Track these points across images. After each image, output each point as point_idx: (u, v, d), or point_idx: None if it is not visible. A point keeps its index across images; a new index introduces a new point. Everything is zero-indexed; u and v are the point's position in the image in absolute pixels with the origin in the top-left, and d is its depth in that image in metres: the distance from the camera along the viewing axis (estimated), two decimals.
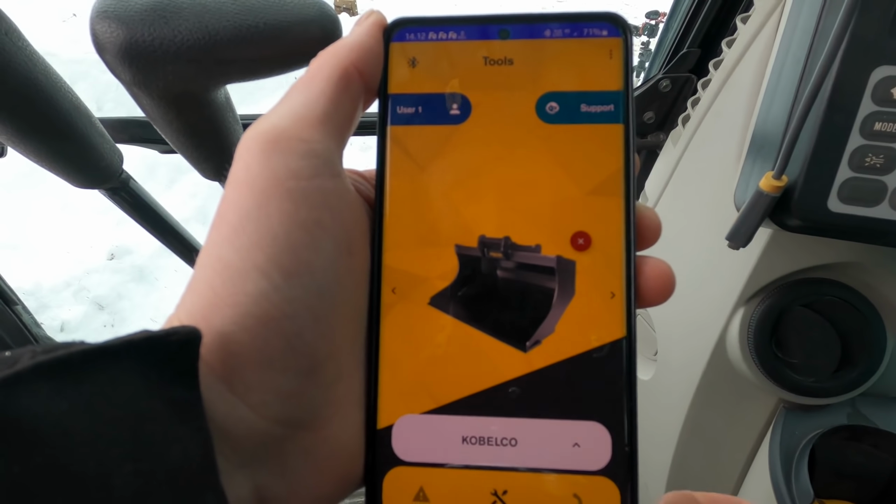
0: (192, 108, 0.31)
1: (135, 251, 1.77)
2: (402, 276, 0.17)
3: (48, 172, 0.36)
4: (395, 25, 0.18)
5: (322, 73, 0.16)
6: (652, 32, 3.22)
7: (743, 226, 0.31)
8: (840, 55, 0.27)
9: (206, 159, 0.36)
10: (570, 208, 0.17)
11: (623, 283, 0.16)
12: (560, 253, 0.16)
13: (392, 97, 0.17)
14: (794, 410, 0.39)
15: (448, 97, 0.17)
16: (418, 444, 0.16)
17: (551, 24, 0.17)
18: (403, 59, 0.17)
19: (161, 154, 0.55)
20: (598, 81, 0.17)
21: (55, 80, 0.32)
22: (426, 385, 0.16)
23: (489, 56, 0.17)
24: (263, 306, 0.14)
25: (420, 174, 0.17)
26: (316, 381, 0.15)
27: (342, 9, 4.20)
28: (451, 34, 0.17)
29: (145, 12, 0.26)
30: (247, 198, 0.15)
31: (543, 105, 0.17)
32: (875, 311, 0.36)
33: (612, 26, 0.17)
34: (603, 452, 0.16)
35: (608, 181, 0.16)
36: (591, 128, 0.17)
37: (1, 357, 0.11)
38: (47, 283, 1.63)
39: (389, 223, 0.17)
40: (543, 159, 0.17)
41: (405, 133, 0.17)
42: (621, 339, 0.16)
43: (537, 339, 0.16)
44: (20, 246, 1.73)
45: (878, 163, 0.28)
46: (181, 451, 0.12)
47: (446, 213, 0.17)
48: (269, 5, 0.28)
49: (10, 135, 0.31)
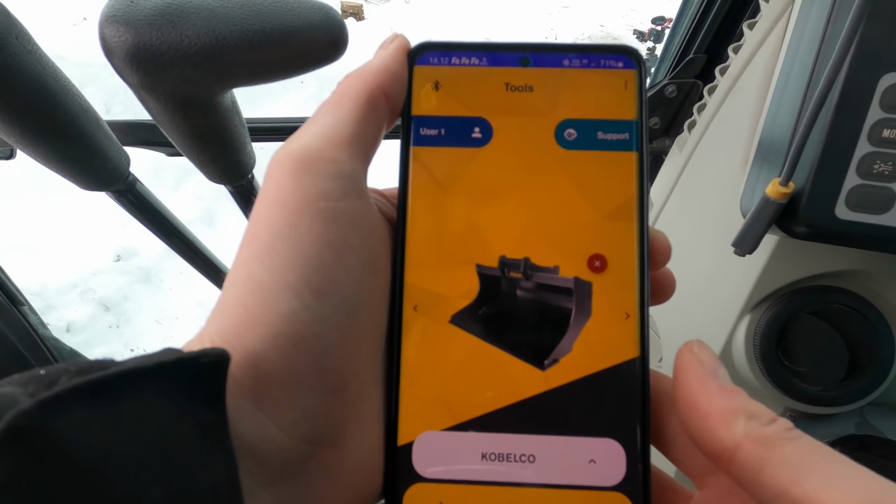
0: (198, 111, 0.31)
1: (141, 253, 1.78)
2: (424, 293, 0.17)
3: (56, 174, 0.36)
4: (420, 49, 0.18)
5: (349, 95, 0.17)
6: (658, 38, 3.22)
7: (749, 232, 0.31)
8: (848, 62, 0.27)
9: (212, 162, 0.37)
10: (587, 231, 0.17)
11: (637, 304, 0.17)
12: (577, 274, 0.17)
13: (415, 119, 0.18)
14: (800, 419, 0.39)
15: (470, 121, 0.18)
16: (438, 460, 0.16)
17: (570, 55, 0.18)
18: (427, 82, 0.18)
19: (167, 157, 0.56)
20: (614, 110, 0.18)
21: (64, 84, 0.32)
22: (446, 402, 0.17)
23: (510, 82, 0.18)
24: (294, 325, 0.15)
25: (442, 194, 0.18)
26: (341, 398, 0.15)
27: (349, 13, 4.22)
28: (474, 59, 0.18)
29: (153, 17, 0.26)
30: (278, 217, 0.15)
31: (562, 131, 0.18)
32: (883, 320, 0.35)
33: (628, 59, 0.18)
34: (618, 468, 0.16)
35: (623, 206, 0.17)
36: (606, 155, 0.17)
37: (36, 375, 0.12)
38: (54, 283, 1.64)
39: (411, 241, 0.17)
40: (561, 183, 0.17)
41: (428, 154, 0.18)
42: (635, 359, 0.16)
43: (555, 358, 0.17)
44: (27, 247, 1.75)
45: (887, 170, 0.28)
46: (208, 474, 0.12)
47: (467, 232, 0.17)
48: (275, 10, 0.28)
49: (19, 137, 0.31)
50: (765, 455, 0.13)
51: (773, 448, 0.13)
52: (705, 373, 0.15)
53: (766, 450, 0.13)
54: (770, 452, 0.13)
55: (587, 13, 4.94)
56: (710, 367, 0.15)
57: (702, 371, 0.15)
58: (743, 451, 0.13)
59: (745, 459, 0.13)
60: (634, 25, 4.10)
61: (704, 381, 0.15)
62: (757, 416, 0.14)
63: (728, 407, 0.14)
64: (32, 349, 0.65)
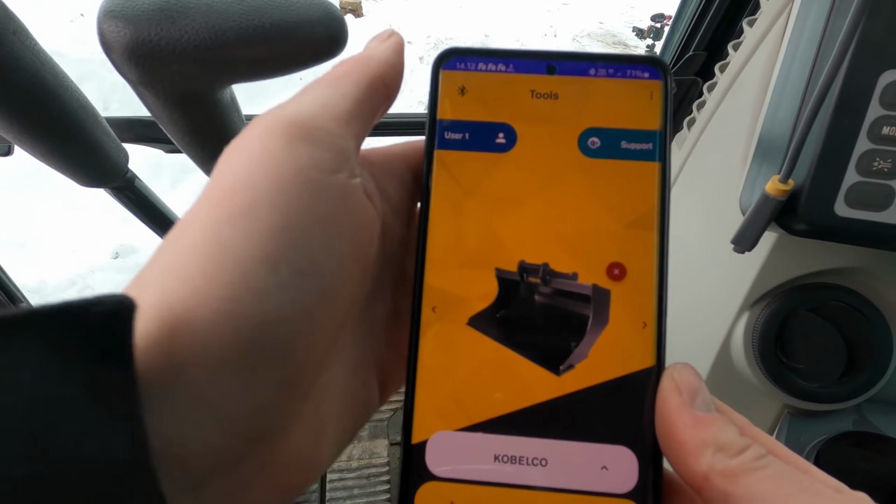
0: (197, 107, 0.31)
1: (140, 250, 1.77)
2: (443, 295, 0.17)
3: (54, 171, 0.36)
4: (448, 54, 0.18)
5: (350, 77, 0.16)
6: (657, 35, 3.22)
7: (748, 230, 0.31)
8: (848, 59, 0.27)
9: (211, 159, 0.37)
10: (607, 239, 0.17)
11: (655, 313, 0.17)
12: (596, 281, 0.17)
13: (441, 122, 0.18)
14: (798, 416, 0.39)
15: (495, 126, 0.18)
16: (451, 459, 0.16)
17: (596, 64, 0.18)
18: (453, 87, 0.18)
19: (166, 153, 0.56)
20: (639, 120, 0.18)
21: (62, 79, 0.32)
22: (461, 402, 0.17)
23: (536, 89, 0.18)
24: (265, 305, 0.13)
25: (464, 198, 0.18)
26: (294, 392, 0.14)
27: (347, 10, 4.21)
28: (500, 66, 0.18)
29: (152, 12, 0.26)
30: (262, 179, 0.13)
31: (585, 139, 0.18)
32: (881, 317, 0.35)
33: (654, 69, 0.18)
34: (630, 476, 0.16)
35: (644, 216, 0.17)
36: (629, 164, 0.17)
37: None
38: (52, 281, 1.64)
39: (432, 243, 0.18)
40: (583, 191, 0.17)
41: (452, 158, 0.18)
42: (651, 368, 0.16)
43: (571, 364, 0.17)
44: (26, 244, 1.74)
45: (886, 167, 0.28)
46: (100, 447, 0.10)
47: (488, 236, 0.17)
48: (275, 6, 0.28)
49: (17, 133, 0.31)
50: (729, 489, 0.13)
51: (737, 481, 0.13)
52: (682, 402, 0.15)
53: (730, 483, 0.13)
54: (734, 485, 0.13)
55: (586, 10, 4.93)
56: (688, 394, 0.15)
57: (678, 400, 0.15)
58: (709, 484, 0.14)
59: (711, 493, 0.14)
60: (634, 22, 4.10)
61: (680, 411, 0.15)
62: (726, 447, 0.14)
63: (698, 439, 0.14)
64: None
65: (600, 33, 4.53)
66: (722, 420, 0.14)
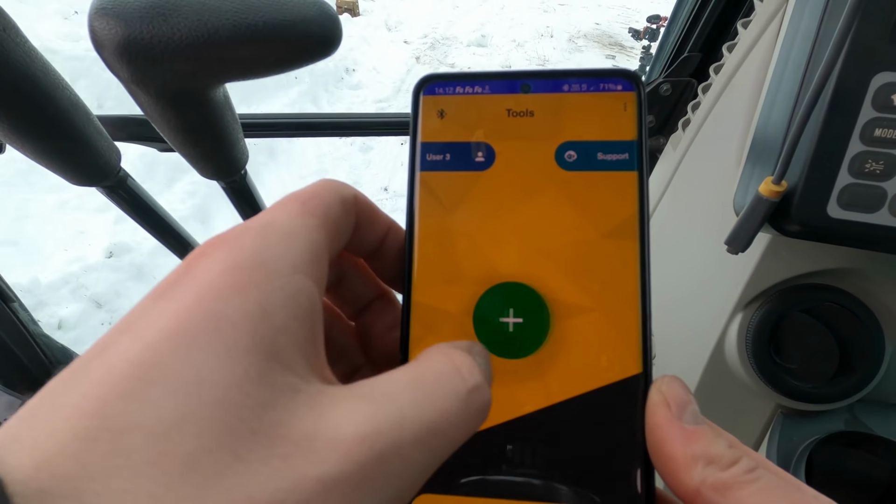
0: (190, 106, 0.31)
1: (133, 249, 1.76)
2: (430, 311, 0.18)
3: (46, 170, 0.35)
4: (426, 80, 0.19)
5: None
6: (653, 36, 3.23)
7: (742, 231, 0.31)
8: (841, 61, 0.27)
9: (205, 158, 0.36)
10: (589, 249, 0.17)
11: (639, 321, 0.17)
12: (579, 291, 0.17)
13: (422, 145, 0.19)
14: (791, 416, 0.39)
15: (474, 146, 0.18)
16: (445, 470, 0.17)
17: (570, 80, 0.18)
18: (433, 111, 0.19)
19: (160, 152, 0.55)
20: (614, 132, 0.18)
21: (53, 77, 0.31)
22: None
23: (512, 108, 0.18)
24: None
25: (447, 216, 0.18)
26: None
27: (343, 9, 4.20)
28: (477, 88, 0.19)
29: (144, 10, 0.26)
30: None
31: (562, 153, 0.18)
32: (874, 318, 0.35)
33: (627, 81, 0.18)
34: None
35: (624, 224, 0.17)
36: (607, 175, 0.18)
37: None
38: (45, 280, 1.62)
39: (418, 261, 0.18)
40: (562, 204, 0.18)
41: (434, 178, 0.18)
42: (638, 375, 0.17)
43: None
44: (18, 242, 1.73)
45: (878, 169, 0.28)
46: None
47: (471, 252, 0.18)
48: (269, 4, 0.28)
49: (8, 131, 0.31)
50: (720, 502, 0.13)
51: (728, 494, 0.13)
52: (670, 415, 0.15)
53: (720, 496, 0.13)
54: (725, 499, 0.13)
55: (583, 11, 4.94)
56: (677, 406, 0.15)
57: (667, 413, 0.15)
58: (701, 498, 0.14)
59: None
60: (630, 24, 4.11)
61: (670, 425, 0.15)
62: (716, 460, 0.14)
63: (688, 452, 0.14)
64: (23, 346, 0.64)
65: (596, 34, 4.54)
66: (711, 432, 0.14)
